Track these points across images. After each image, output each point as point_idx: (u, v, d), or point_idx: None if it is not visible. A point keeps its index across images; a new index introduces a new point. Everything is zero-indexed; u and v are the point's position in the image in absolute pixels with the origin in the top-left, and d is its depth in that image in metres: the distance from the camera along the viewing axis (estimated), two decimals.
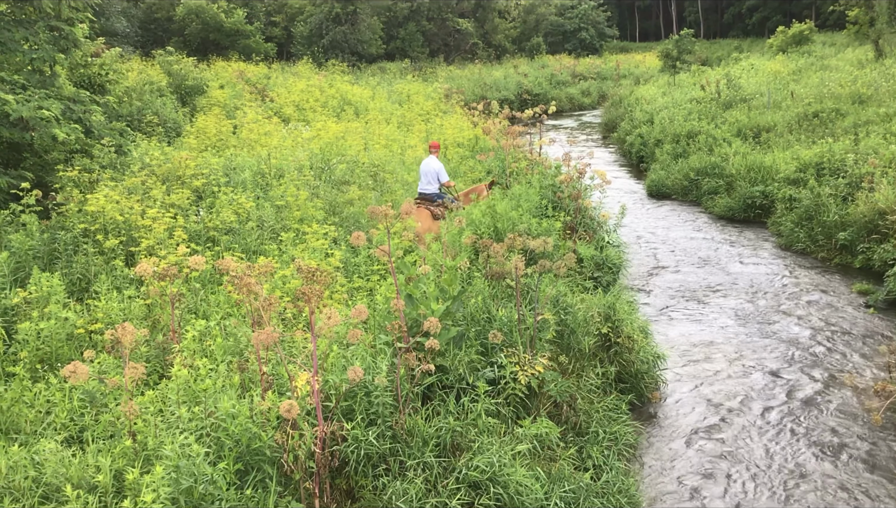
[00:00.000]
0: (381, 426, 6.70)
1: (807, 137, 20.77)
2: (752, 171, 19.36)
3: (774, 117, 23.31)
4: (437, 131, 22.31)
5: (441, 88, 36.47)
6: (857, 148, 17.12)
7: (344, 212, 12.61)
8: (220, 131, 18.67)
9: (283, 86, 31.38)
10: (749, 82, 30.39)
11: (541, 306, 8.69)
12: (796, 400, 9.87)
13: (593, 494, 7.40)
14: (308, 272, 6.18)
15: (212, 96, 25.36)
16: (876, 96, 22.81)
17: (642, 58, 62.80)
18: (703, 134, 23.23)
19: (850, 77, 26.48)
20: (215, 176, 13.26)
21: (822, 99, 23.85)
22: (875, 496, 7.77)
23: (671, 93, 32.53)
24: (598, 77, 54.68)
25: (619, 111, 34.45)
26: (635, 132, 27.92)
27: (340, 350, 7.38)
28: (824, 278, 14.31)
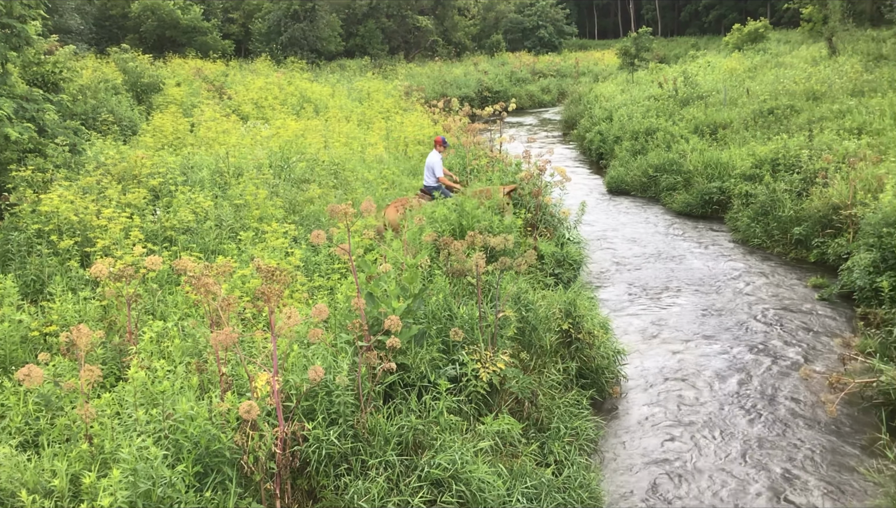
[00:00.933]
0: (343, 425, 6.68)
1: (762, 134, 21.07)
2: (709, 168, 19.60)
3: (731, 114, 23.62)
4: (397, 129, 22.26)
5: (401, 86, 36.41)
6: (812, 144, 17.41)
7: (304, 210, 12.53)
8: (177, 129, 18.44)
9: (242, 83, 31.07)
10: (706, 79, 30.75)
11: (502, 303, 8.71)
12: (753, 394, 10.02)
13: (555, 489, 7.44)
14: (267, 271, 6.13)
15: (168, 94, 25.03)
16: (829, 93, 23.20)
17: (601, 55, 63.27)
18: (661, 131, 23.46)
19: (805, 74, 26.91)
20: (172, 175, 13.09)
21: (777, 96, 24.21)
22: (832, 487, 7.91)
23: (630, 91, 32.81)
24: (558, 74, 54.96)
25: (578, 108, 34.65)
26: (595, 129, 28.10)
27: (301, 349, 7.33)
28: (780, 272, 14.53)
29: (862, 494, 7.73)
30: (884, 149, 16.12)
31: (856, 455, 8.46)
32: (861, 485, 7.87)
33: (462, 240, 8.75)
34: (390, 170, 16.09)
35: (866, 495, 7.70)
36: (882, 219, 11.80)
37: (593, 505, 7.56)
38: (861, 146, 16.35)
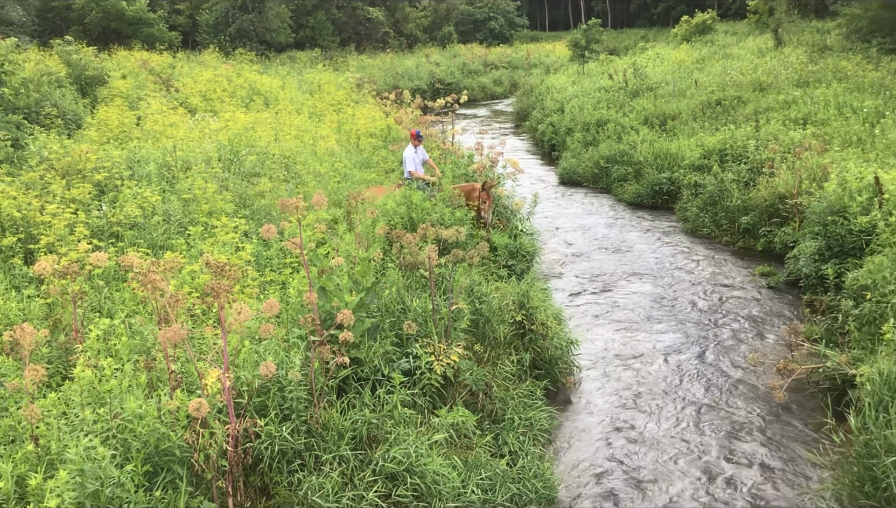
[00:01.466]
0: (296, 421, 6.62)
1: (710, 124, 21.36)
2: (658, 158, 19.82)
3: (679, 105, 23.90)
4: (349, 121, 22.12)
5: (352, 78, 36.18)
6: (758, 134, 17.69)
7: (255, 204, 12.37)
8: (123, 123, 18.09)
9: (189, 75, 30.60)
10: (655, 71, 31.09)
11: (455, 295, 8.71)
12: (703, 381, 10.16)
13: (509, 480, 7.48)
14: (217, 267, 6.05)
15: (114, 87, 24.54)
16: (775, 84, 23.60)
17: (552, 47, 63.59)
18: (611, 122, 23.65)
19: (751, 65, 27.34)
20: (118, 169, 12.84)
21: (724, 87, 24.56)
22: (780, 472, 8.06)
23: (581, 82, 33.03)
24: (510, 66, 55.11)
25: (530, 100, 34.80)
26: (546, 121, 28.25)
27: (252, 345, 7.25)
28: (728, 261, 14.76)
29: (809, 478, 7.89)
30: (828, 138, 16.45)
31: (803, 439, 8.63)
32: (808, 469, 8.03)
33: (415, 232, 8.72)
34: (342, 163, 15.96)
35: (813, 479, 7.86)
36: (827, 207, 12.03)
37: (547, 494, 7.61)
38: (806, 136, 16.67)
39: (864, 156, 14.72)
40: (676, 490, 7.78)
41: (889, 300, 9.10)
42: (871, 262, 9.95)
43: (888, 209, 10.87)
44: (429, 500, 6.75)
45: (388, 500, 6.65)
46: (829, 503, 7.39)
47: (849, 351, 9.27)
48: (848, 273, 10.63)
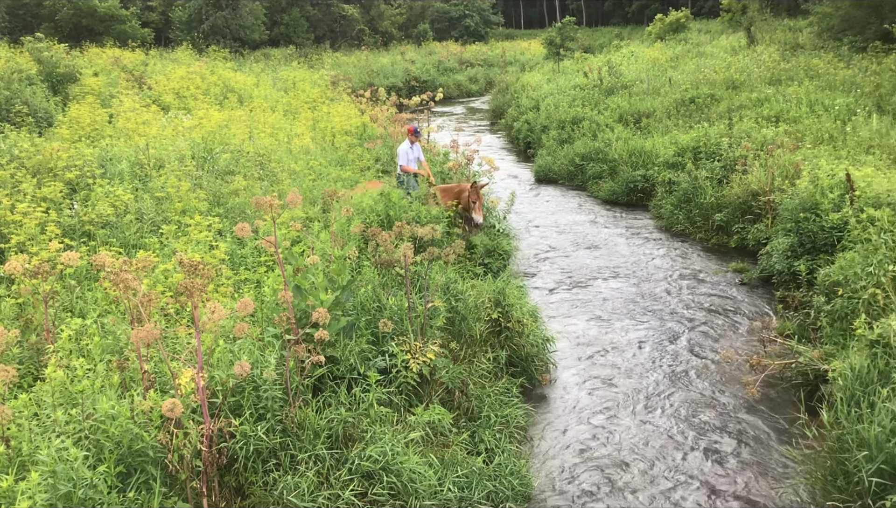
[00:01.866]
0: (271, 420, 6.59)
1: (684, 122, 21.49)
2: (633, 156, 19.91)
3: (654, 103, 24.03)
4: (324, 119, 22.03)
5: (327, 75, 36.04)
6: (731, 132, 17.82)
7: (229, 202, 12.28)
8: (95, 121, 17.88)
9: (162, 73, 30.33)
10: (629, 69, 31.24)
11: (431, 293, 8.70)
12: (677, 377, 10.23)
13: (486, 477, 7.48)
14: (190, 265, 6.00)
15: (85, 84, 24.27)
16: (748, 82, 23.80)
17: (527, 45, 63.72)
18: (586, 120, 23.73)
19: (724, 63, 27.53)
20: (90, 167, 12.70)
21: (698, 85, 24.72)
22: (754, 467, 8.13)
23: (556, 80, 33.11)
24: (485, 64, 55.15)
25: (505, 98, 34.83)
26: (522, 118, 28.29)
27: (227, 344, 7.19)
28: (702, 258, 14.87)
29: (782, 472, 7.96)
30: (800, 136, 16.60)
31: (776, 434, 8.71)
32: (781, 464, 8.11)
33: (390, 230, 8.70)
34: (317, 161, 15.89)
35: (786, 473, 7.94)
36: (799, 204, 12.14)
37: (524, 492, 7.62)
38: (779, 133, 16.82)
39: (836, 153, 14.88)
40: (651, 486, 7.82)
41: (860, 296, 9.20)
42: (843, 258, 10.06)
43: (859, 206, 10.99)
44: (405, 498, 6.74)
45: (364, 499, 6.64)
46: (801, 496, 7.46)
47: (821, 347, 9.36)
48: (820, 269, 10.74)
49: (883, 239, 9.73)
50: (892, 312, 8.31)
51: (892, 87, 18.98)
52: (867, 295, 9.07)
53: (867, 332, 8.12)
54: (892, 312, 8.26)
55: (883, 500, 6.47)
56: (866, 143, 15.15)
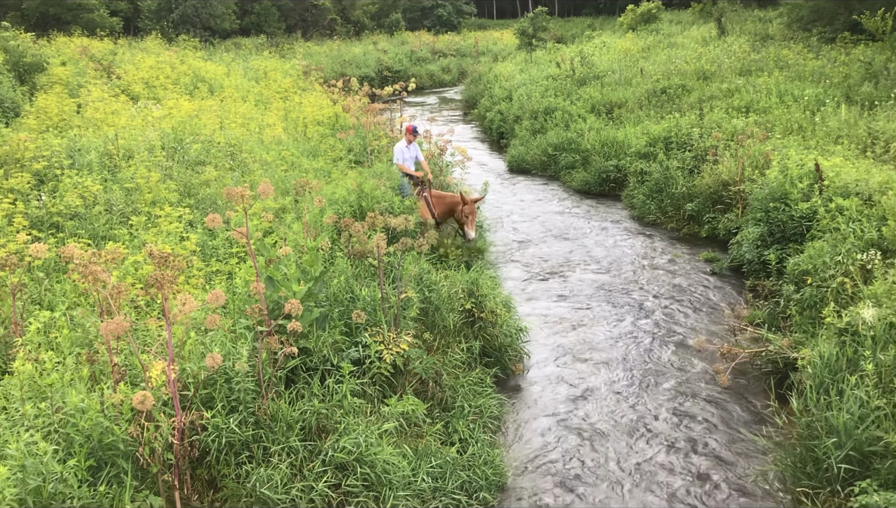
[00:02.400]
0: (244, 412, 6.55)
1: (656, 113, 21.59)
2: (605, 146, 19.98)
3: (626, 94, 24.12)
4: (296, 109, 21.88)
5: (299, 65, 35.78)
6: (702, 122, 17.94)
7: (200, 193, 12.16)
8: (63, 111, 17.62)
9: (131, 62, 29.95)
10: (602, 60, 31.31)
11: (404, 284, 8.68)
12: (649, 366, 10.30)
13: (460, 467, 7.50)
14: (160, 257, 5.93)
15: (53, 74, 23.92)
16: (719, 72, 23.94)
17: (500, 35, 63.63)
18: (559, 110, 23.76)
19: (695, 54, 27.68)
20: (58, 158, 12.52)
21: (669, 75, 24.83)
22: (725, 454, 8.21)
23: (528, 70, 33.13)
24: (458, 54, 55.02)
25: (478, 88, 34.79)
26: (495, 108, 28.28)
27: (198, 336, 7.13)
28: (674, 247, 14.97)
29: (752, 459, 8.05)
30: (770, 126, 16.74)
31: (747, 421, 8.80)
32: (752, 451, 8.19)
33: (363, 221, 8.66)
34: (289, 152, 15.78)
35: (757, 460, 8.02)
36: (769, 194, 12.25)
37: (497, 481, 7.65)
38: (749, 124, 16.94)
39: (805, 143, 15.02)
40: (623, 474, 7.88)
41: (829, 284, 9.31)
42: (812, 248, 10.17)
43: (828, 195, 11.11)
44: (379, 489, 6.73)
45: (338, 490, 6.63)
46: (771, 483, 7.55)
47: (790, 335, 9.46)
48: (789, 258, 10.84)
49: (851, 228, 9.84)
50: (860, 300, 8.42)
51: (860, 78, 19.19)
52: (836, 284, 9.18)
53: (836, 321, 8.22)
54: (861, 300, 8.36)
55: (851, 486, 6.56)
56: (835, 133, 15.31)
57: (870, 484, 6.37)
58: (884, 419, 6.76)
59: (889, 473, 6.41)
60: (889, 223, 9.44)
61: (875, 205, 10.20)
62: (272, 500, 6.24)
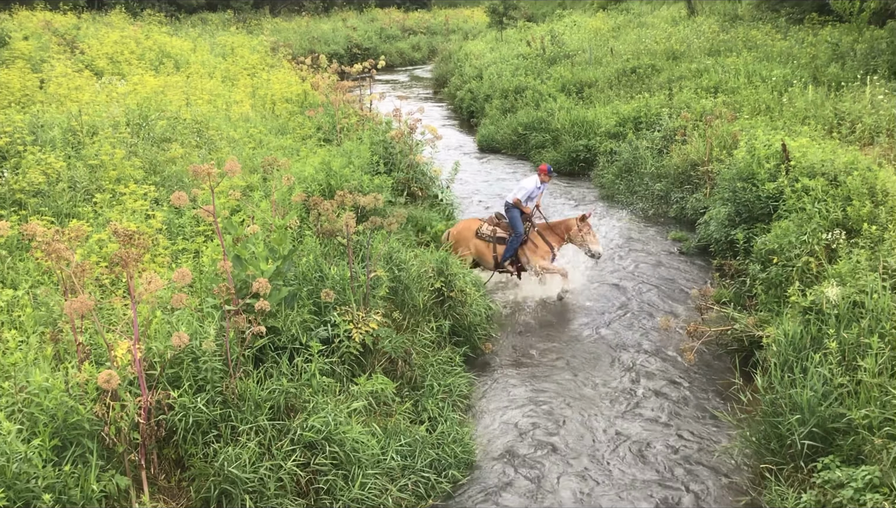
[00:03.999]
0: (211, 391, 6.51)
1: (625, 93, 21.63)
2: (575, 126, 19.99)
3: (596, 73, 24.12)
4: (264, 86, 21.62)
5: (267, 41, 35.30)
6: (672, 102, 18.02)
7: (166, 171, 11.99)
8: (26, 86, 17.24)
9: (96, 37, 29.35)
10: (572, 39, 31.27)
11: (373, 263, 8.65)
12: (616, 343, 10.38)
13: (429, 446, 7.53)
14: (125, 235, 5.85)
15: (15, 48, 23.36)
16: (688, 52, 24.01)
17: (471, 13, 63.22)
18: (529, 89, 23.72)
19: (665, 34, 27.73)
20: (20, 134, 12.25)
21: (639, 55, 24.86)
22: (691, 431, 8.31)
23: (499, 49, 33.00)
24: (428, 31, 54.63)
25: (449, 66, 34.62)
26: (465, 87, 28.18)
27: (164, 315, 7.06)
28: (642, 227, 15.05)
29: (718, 436, 8.16)
30: (738, 107, 16.84)
31: (713, 399, 8.91)
32: (718, 428, 8.30)
33: (332, 199, 8.60)
34: (257, 129, 15.60)
35: (722, 437, 8.13)
36: (736, 174, 12.34)
37: (466, 459, 7.69)
38: (717, 104, 17.03)
39: (772, 123, 15.14)
40: (589, 451, 7.95)
41: (794, 264, 9.42)
42: (778, 227, 10.27)
43: (794, 175, 11.21)
44: (348, 468, 6.73)
45: (307, 469, 6.62)
46: (736, 460, 7.66)
47: (756, 314, 9.57)
48: (756, 238, 10.94)
49: (817, 208, 9.95)
50: (824, 280, 8.53)
51: (827, 59, 19.35)
52: (801, 264, 9.29)
53: (800, 299, 8.32)
54: (825, 280, 8.47)
55: (814, 462, 6.67)
56: (802, 114, 15.44)
57: (832, 460, 6.48)
58: (846, 396, 6.86)
59: (851, 449, 6.52)
60: (854, 203, 9.55)
61: (840, 186, 10.31)
62: (240, 479, 6.21)
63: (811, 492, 6.42)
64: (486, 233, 12.03)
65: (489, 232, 12.02)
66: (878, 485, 5.95)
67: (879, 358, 6.85)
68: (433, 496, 7.20)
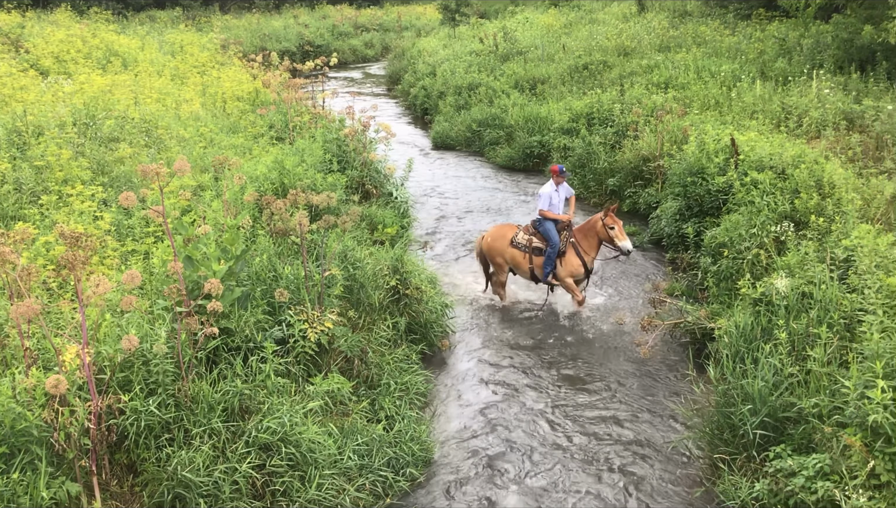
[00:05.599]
0: (163, 395, 6.40)
1: (578, 89, 21.75)
2: (529, 122, 20.06)
3: (548, 69, 24.23)
4: (214, 84, 21.35)
5: (217, 39, 34.89)
6: (623, 98, 18.17)
7: (114, 171, 11.78)
8: None
9: (41, 36, 28.74)
10: (524, 35, 31.37)
11: (328, 262, 8.59)
12: (571, 338, 10.45)
13: (386, 444, 7.51)
14: (72, 237, 5.73)
15: None
16: (639, 49, 24.24)
17: (423, 10, 63.14)
18: (483, 86, 23.76)
19: (616, 30, 27.96)
20: None
21: (591, 52, 25.03)
22: (646, 423, 8.39)
23: (452, 46, 32.99)
24: (381, 29, 54.41)
25: (402, 63, 34.53)
26: (419, 84, 28.13)
27: (114, 318, 6.93)
28: None
29: (672, 427, 8.25)
30: (688, 102, 17.06)
31: (667, 391, 9.02)
32: (672, 419, 8.40)
33: (285, 198, 8.52)
34: (208, 128, 15.41)
35: (676, 428, 8.23)
36: (686, 168, 12.50)
37: (424, 456, 7.69)
38: (668, 99, 17.24)
39: (722, 118, 15.36)
40: (546, 445, 7.99)
41: (744, 256, 9.57)
42: (728, 221, 10.42)
43: (743, 169, 11.39)
44: (304, 469, 6.68)
45: (262, 471, 6.55)
46: (691, 450, 7.76)
47: (708, 306, 9.71)
48: (706, 231, 11.10)
49: (765, 201, 10.11)
50: (774, 271, 8.67)
51: (774, 54, 19.69)
52: (751, 256, 9.44)
53: (751, 291, 8.45)
54: (774, 271, 8.61)
55: (766, 451, 6.78)
56: (750, 108, 15.68)
57: (784, 449, 6.59)
58: (796, 385, 6.98)
59: (802, 438, 6.64)
60: (802, 196, 9.73)
61: (788, 179, 10.49)
62: (194, 483, 6.13)
63: (764, 481, 6.53)
64: (521, 241, 11.44)
65: (525, 241, 11.42)
66: (829, 473, 6.07)
67: (828, 348, 6.99)
68: (391, 494, 7.18)
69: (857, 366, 6.24)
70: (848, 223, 9.13)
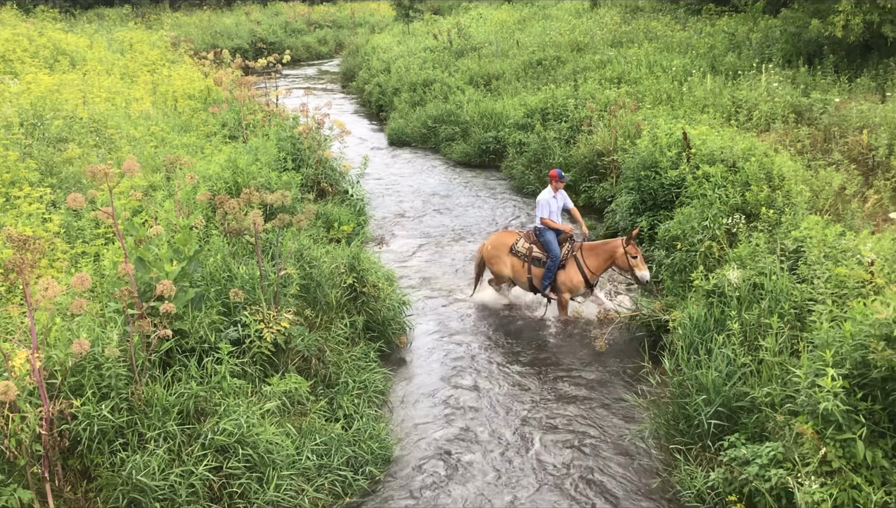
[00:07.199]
0: (116, 398, 6.30)
1: (532, 84, 21.86)
2: (484, 118, 20.11)
3: (503, 65, 24.31)
4: (165, 82, 21.06)
5: (167, 36, 34.38)
6: (577, 93, 18.29)
7: (62, 172, 11.56)
8: None
9: None
10: (478, 31, 31.44)
11: (283, 261, 8.52)
12: (528, 334, 10.51)
13: (345, 443, 7.48)
14: (19, 240, 5.61)
15: None
16: (592, 44, 24.42)
17: (377, 6, 62.88)
18: (438, 82, 23.75)
19: (569, 26, 28.15)
20: None
21: (544, 47, 25.16)
22: (602, 415, 8.47)
23: (406, 42, 32.92)
24: (335, 25, 54.08)
25: (356, 60, 34.36)
26: (373, 81, 28.03)
27: (64, 322, 6.80)
28: None
29: (628, 418, 8.34)
30: (641, 96, 17.23)
31: (623, 383, 9.11)
32: (629, 410, 8.49)
33: (238, 197, 8.43)
34: (159, 127, 15.18)
35: (632, 419, 8.32)
36: (640, 163, 12.63)
37: (384, 454, 7.67)
38: (621, 94, 17.39)
39: (674, 112, 15.54)
40: (503, 441, 8.02)
41: (697, 248, 9.69)
42: (681, 214, 10.55)
43: (695, 163, 11.53)
44: (262, 470, 6.63)
45: (219, 473, 6.48)
46: (647, 441, 7.84)
47: (662, 299, 9.82)
48: (660, 224, 11.22)
49: (717, 194, 10.25)
50: (726, 263, 8.80)
51: (724, 48, 19.97)
52: (704, 248, 9.57)
53: (704, 283, 8.57)
54: (727, 263, 8.74)
55: (721, 440, 6.88)
56: (701, 103, 15.89)
57: (738, 438, 6.70)
58: (749, 375, 7.10)
59: (755, 427, 6.75)
60: (752, 188, 9.88)
61: (739, 172, 10.64)
62: (149, 487, 6.05)
63: (719, 470, 6.63)
64: (521, 250, 11.16)
65: (524, 249, 11.14)
66: (782, 461, 6.18)
67: (779, 338, 7.11)
68: (350, 494, 7.15)
69: (807, 355, 6.35)
70: (797, 214, 9.30)
